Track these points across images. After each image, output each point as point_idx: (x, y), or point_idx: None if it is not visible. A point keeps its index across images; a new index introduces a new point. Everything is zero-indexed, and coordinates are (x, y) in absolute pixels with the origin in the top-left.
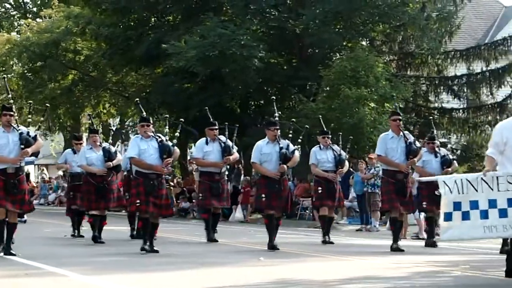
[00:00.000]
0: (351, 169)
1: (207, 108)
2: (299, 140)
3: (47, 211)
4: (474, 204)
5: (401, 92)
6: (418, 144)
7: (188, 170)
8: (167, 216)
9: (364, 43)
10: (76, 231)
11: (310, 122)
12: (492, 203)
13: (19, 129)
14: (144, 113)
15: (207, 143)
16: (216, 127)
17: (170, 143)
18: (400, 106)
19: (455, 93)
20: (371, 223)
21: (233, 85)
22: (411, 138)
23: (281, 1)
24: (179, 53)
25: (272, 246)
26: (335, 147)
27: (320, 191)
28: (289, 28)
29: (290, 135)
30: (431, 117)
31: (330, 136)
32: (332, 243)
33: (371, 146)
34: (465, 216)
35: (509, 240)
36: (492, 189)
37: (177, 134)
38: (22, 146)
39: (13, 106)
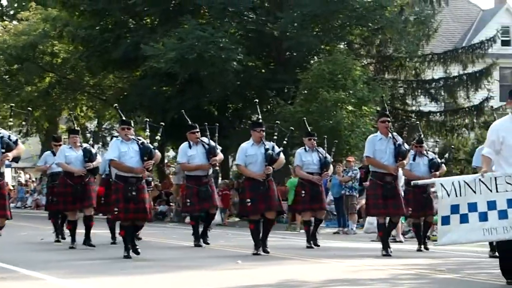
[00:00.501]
0: None
1: (183, 110)
2: (284, 143)
3: (24, 214)
4: (473, 206)
5: (378, 95)
6: (407, 146)
7: (166, 173)
8: (148, 220)
9: (342, 46)
10: (59, 234)
11: (288, 125)
12: (491, 205)
13: (0, 133)
14: (124, 117)
15: (190, 146)
16: (197, 130)
17: (151, 146)
18: (378, 109)
19: (432, 96)
20: (348, 226)
21: (211, 88)
22: (399, 140)
23: (259, 4)
24: (158, 55)
25: (256, 254)
26: (321, 149)
27: (303, 195)
28: (267, 31)
29: (275, 137)
30: (415, 121)
31: (316, 138)
32: (314, 246)
33: (348, 149)
34: (464, 219)
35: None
36: (490, 191)
37: (157, 137)
38: (3, 150)
39: None
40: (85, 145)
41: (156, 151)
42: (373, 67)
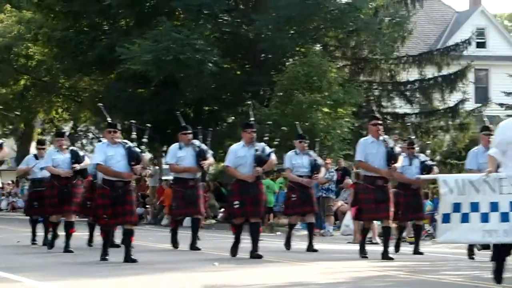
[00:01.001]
0: None
1: (178, 112)
2: (275, 143)
3: (0, 217)
4: (475, 206)
5: (354, 98)
6: (398, 149)
7: (141, 175)
8: (135, 223)
9: (317, 48)
10: (46, 239)
11: (264, 127)
12: (494, 206)
13: None
14: (109, 118)
15: (180, 148)
16: (190, 131)
17: (138, 150)
18: (353, 110)
19: (407, 98)
20: (325, 228)
21: (187, 90)
22: (391, 143)
23: (234, 7)
24: (134, 57)
25: (234, 255)
26: (311, 152)
27: (293, 198)
28: (242, 34)
29: (266, 138)
30: (392, 124)
31: (307, 141)
32: (316, 250)
33: (324, 151)
34: (464, 218)
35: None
36: (494, 191)
37: (144, 139)
38: None
39: None
40: (72, 147)
41: (143, 154)
42: (348, 69)
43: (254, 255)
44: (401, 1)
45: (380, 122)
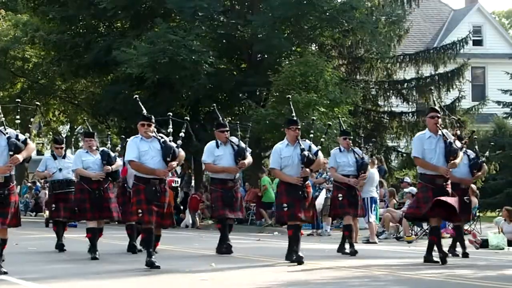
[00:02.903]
0: None
1: (214, 105)
2: (322, 140)
3: None
4: None
5: (350, 97)
6: (458, 144)
7: None
8: (167, 227)
9: (313, 48)
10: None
11: (260, 127)
12: None
13: (7, 133)
14: (145, 111)
15: (217, 146)
16: (227, 129)
17: (174, 144)
18: (350, 109)
19: (404, 97)
20: (322, 228)
21: (183, 91)
22: (450, 138)
23: (229, 8)
24: (129, 59)
25: (298, 260)
26: (357, 150)
27: (340, 198)
28: (238, 34)
29: (311, 135)
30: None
31: (352, 137)
32: (356, 252)
33: (321, 151)
34: None
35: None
36: None
37: (181, 134)
38: (11, 153)
39: None
40: (103, 148)
41: (180, 149)
42: (344, 69)
43: (297, 259)
44: (397, 0)
45: (439, 114)
